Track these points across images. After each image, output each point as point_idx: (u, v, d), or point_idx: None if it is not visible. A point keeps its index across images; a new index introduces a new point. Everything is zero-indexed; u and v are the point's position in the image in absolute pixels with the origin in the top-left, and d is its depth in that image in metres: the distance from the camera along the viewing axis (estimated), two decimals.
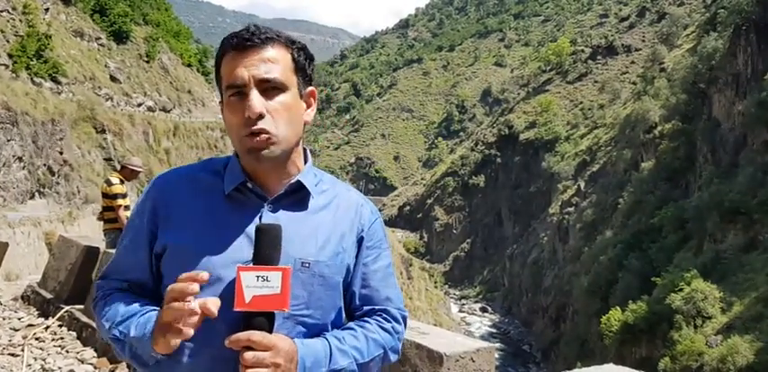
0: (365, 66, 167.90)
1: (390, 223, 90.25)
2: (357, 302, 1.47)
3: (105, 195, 7.47)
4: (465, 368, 2.01)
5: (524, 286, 66.86)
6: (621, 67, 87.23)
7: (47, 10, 26.76)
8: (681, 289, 32.58)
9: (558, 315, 54.51)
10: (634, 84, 75.92)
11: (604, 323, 37.20)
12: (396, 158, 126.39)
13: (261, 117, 1.29)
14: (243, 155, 1.34)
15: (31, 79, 22.34)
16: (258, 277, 1.21)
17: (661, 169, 49.07)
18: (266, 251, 1.25)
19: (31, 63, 22.45)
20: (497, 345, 45.67)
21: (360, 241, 1.47)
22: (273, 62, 1.32)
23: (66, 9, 29.55)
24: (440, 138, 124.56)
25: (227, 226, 1.34)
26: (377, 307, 1.48)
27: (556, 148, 77.87)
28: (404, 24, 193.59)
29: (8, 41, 22.21)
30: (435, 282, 66.60)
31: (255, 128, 1.29)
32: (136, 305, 1.34)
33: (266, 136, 1.30)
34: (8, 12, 23.35)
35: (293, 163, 1.40)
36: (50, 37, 23.85)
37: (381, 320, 1.47)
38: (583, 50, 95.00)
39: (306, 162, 1.45)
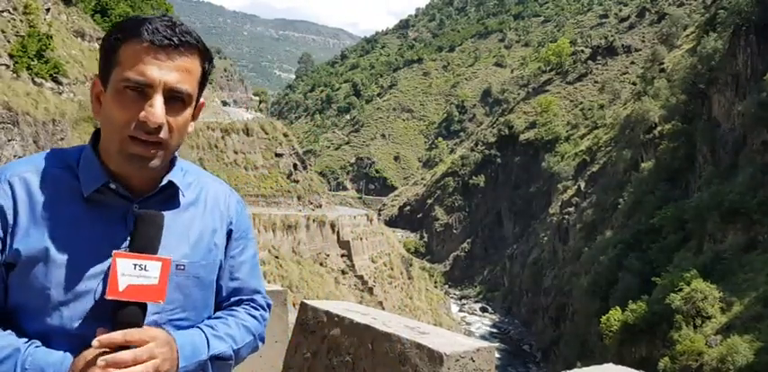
0: (365, 66, 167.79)
1: (391, 223, 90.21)
2: (225, 294, 1.46)
3: None
4: (465, 368, 2.00)
5: (524, 286, 66.84)
6: (621, 68, 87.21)
7: (48, 10, 26.78)
8: (680, 289, 32.59)
9: (557, 315, 54.50)
10: (634, 84, 75.74)
11: (604, 322, 37.19)
12: (396, 158, 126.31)
13: (160, 127, 1.20)
14: (118, 157, 1.23)
15: (32, 79, 22.36)
16: (136, 265, 1.15)
17: (661, 169, 49.06)
18: (146, 239, 1.19)
19: (32, 63, 22.47)
20: (497, 345, 45.62)
21: (229, 234, 1.43)
22: (188, 72, 1.24)
23: (66, 9, 29.59)
24: (440, 138, 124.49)
25: (88, 232, 1.22)
26: (245, 298, 1.48)
27: (556, 148, 77.85)
28: (404, 25, 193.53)
29: (9, 41, 22.24)
30: (435, 282, 66.64)
31: (153, 138, 1.20)
32: (5, 338, 1.17)
33: (159, 150, 1.22)
34: (9, 12, 23.39)
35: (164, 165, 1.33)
36: (51, 37, 23.88)
37: (250, 308, 1.48)
38: (583, 51, 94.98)
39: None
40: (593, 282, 46.37)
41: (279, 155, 38.34)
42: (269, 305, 1.54)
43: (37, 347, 1.17)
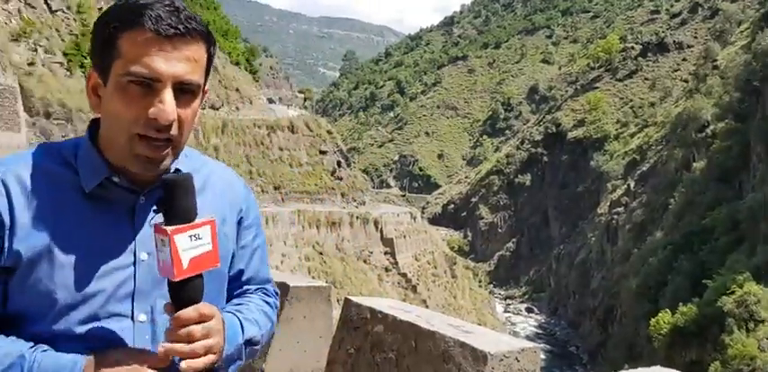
0: (409, 63, 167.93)
1: (434, 221, 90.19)
2: (237, 283, 1.39)
3: None
4: (510, 368, 1.97)
5: (571, 287, 66.27)
6: (673, 65, 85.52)
7: (100, 9, 27.52)
8: (733, 292, 32.09)
9: (605, 317, 53.94)
10: (686, 81, 74.37)
11: (653, 325, 36.76)
12: (440, 156, 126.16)
13: (171, 124, 1.11)
14: (124, 156, 1.13)
15: (85, 77, 23.02)
16: (191, 236, 1.08)
17: (713, 169, 48.04)
18: (184, 205, 1.09)
19: (86, 61, 23.13)
20: (543, 346, 45.24)
21: (239, 222, 1.34)
22: (196, 62, 1.13)
23: None
24: (485, 136, 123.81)
25: (93, 230, 1.14)
26: (256, 287, 1.42)
27: (605, 147, 76.92)
28: (449, 21, 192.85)
29: (63, 40, 22.95)
30: (480, 281, 66.36)
31: (164, 135, 1.11)
32: (7, 345, 1.08)
33: (168, 148, 1.13)
34: (63, 11, 24.16)
35: None
36: None
37: (263, 294, 1.42)
38: (633, 47, 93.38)
39: None
40: (642, 284, 45.78)
41: (323, 153, 38.67)
42: (277, 294, 1.49)
43: (44, 351, 1.08)
